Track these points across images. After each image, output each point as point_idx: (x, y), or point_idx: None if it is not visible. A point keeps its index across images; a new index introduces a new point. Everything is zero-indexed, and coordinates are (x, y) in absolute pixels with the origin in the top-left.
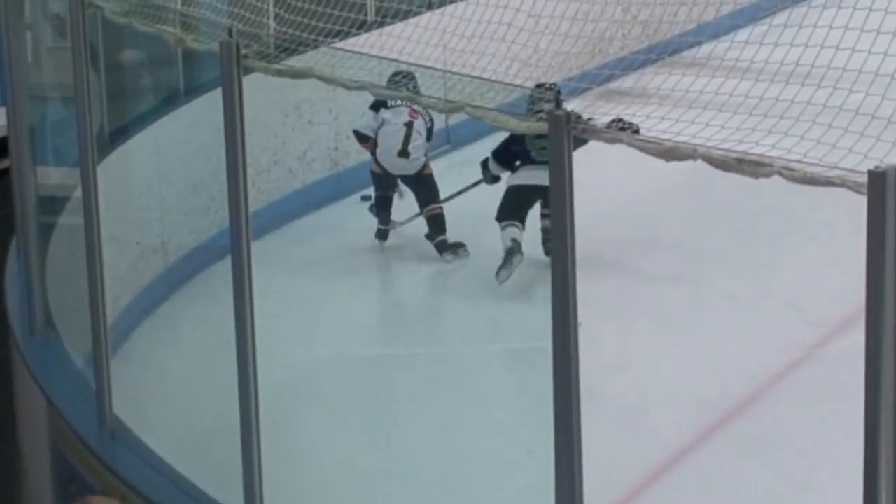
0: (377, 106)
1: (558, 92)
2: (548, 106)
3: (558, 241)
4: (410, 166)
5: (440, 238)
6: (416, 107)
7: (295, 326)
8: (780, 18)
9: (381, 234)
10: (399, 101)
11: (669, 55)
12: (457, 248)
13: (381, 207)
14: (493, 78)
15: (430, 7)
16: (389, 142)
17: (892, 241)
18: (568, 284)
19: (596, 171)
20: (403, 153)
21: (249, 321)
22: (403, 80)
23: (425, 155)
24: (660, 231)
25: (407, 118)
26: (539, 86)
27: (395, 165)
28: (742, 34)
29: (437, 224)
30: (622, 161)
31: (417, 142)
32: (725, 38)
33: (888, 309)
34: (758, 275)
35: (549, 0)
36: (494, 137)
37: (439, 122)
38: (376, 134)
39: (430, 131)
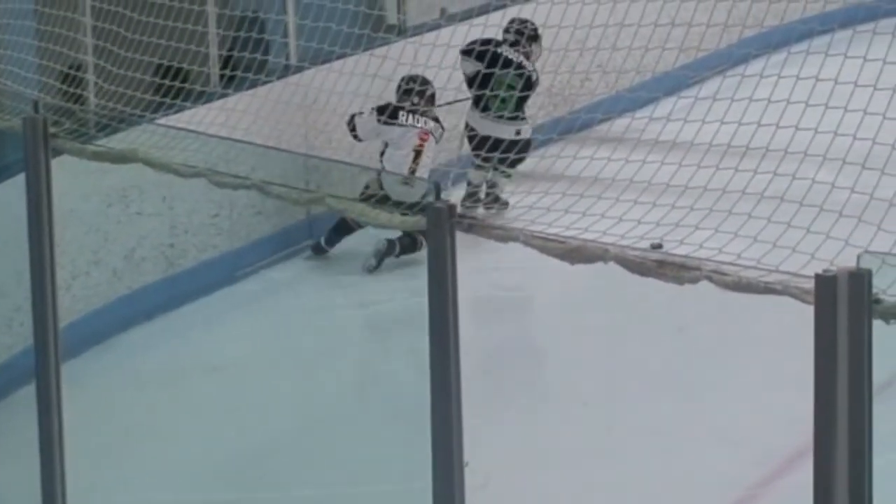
0: (387, 112)
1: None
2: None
3: (439, 355)
4: (413, 193)
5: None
6: (427, 125)
7: (113, 468)
8: (708, 89)
9: (319, 250)
10: (411, 119)
11: (578, 130)
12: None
13: (340, 232)
14: (364, 158)
15: (285, 72)
16: (394, 166)
17: (844, 359)
18: (451, 412)
19: (488, 271)
20: (407, 181)
21: (58, 464)
22: (419, 86)
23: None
24: (568, 345)
25: (416, 142)
26: None
27: (396, 191)
28: (664, 107)
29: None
30: (520, 259)
31: (425, 167)
32: (643, 112)
33: (840, 440)
34: (688, 399)
35: (441, 70)
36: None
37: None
38: (384, 146)
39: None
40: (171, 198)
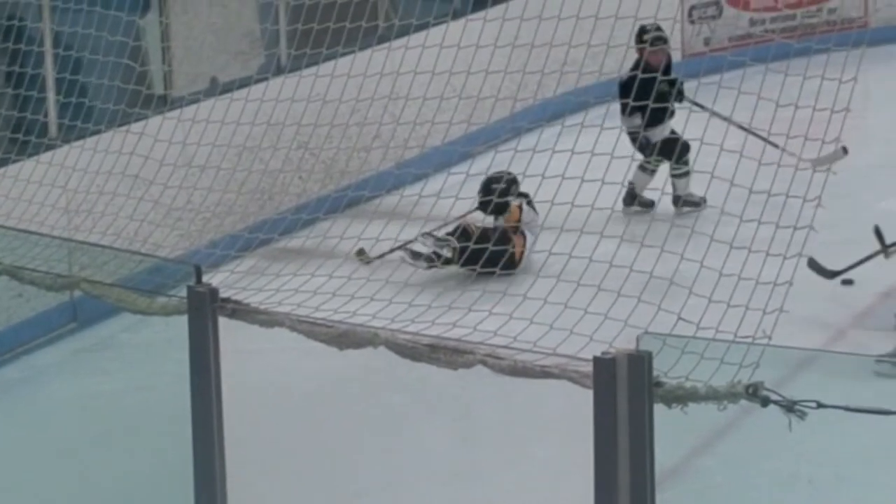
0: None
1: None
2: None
3: (202, 445)
4: None
5: None
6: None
7: None
8: (480, 165)
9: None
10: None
11: (346, 207)
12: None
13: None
14: (128, 239)
15: (47, 148)
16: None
17: (625, 443)
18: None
19: (254, 354)
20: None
21: None
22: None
23: None
24: (348, 430)
25: None
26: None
27: None
28: (434, 183)
29: None
30: (293, 338)
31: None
32: (413, 188)
33: None
34: (473, 483)
35: (205, 147)
36: None
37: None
38: None
39: None
40: None
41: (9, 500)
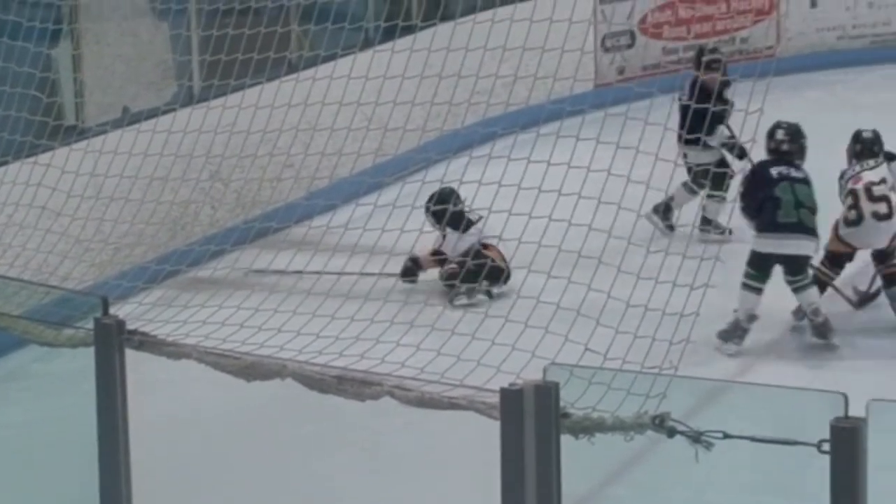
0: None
1: None
2: None
3: (108, 479)
4: None
5: None
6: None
7: None
8: (388, 195)
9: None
10: None
11: (254, 239)
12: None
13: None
14: (36, 270)
15: None
16: None
17: (532, 475)
18: None
19: (164, 385)
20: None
21: None
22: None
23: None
24: (257, 461)
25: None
26: None
27: None
28: (342, 213)
29: None
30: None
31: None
32: (322, 219)
33: None
34: None
35: (113, 178)
36: None
37: None
38: None
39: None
40: None
41: None
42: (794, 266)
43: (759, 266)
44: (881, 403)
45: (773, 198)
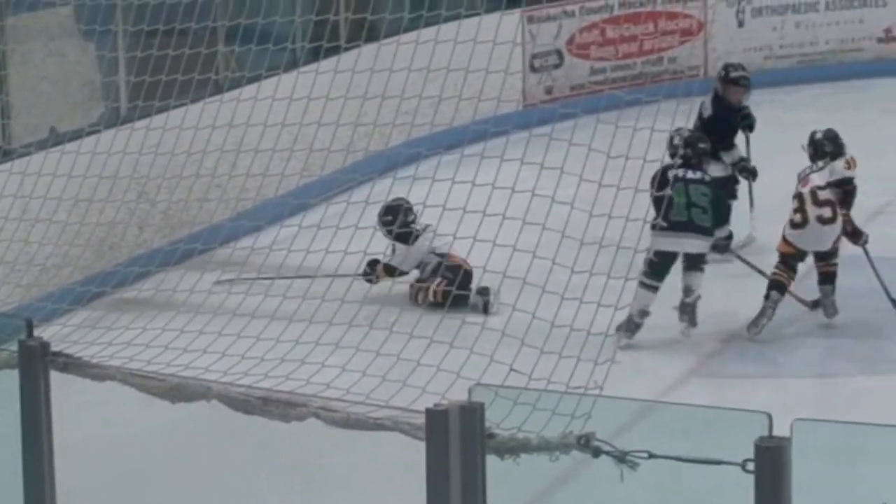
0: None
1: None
2: None
3: (34, 493)
4: None
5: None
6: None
7: None
8: (312, 217)
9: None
10: None
11: (178, 262)
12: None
13: None
14: None
15: None
16: None
17: (458, 496)
18: None
19: (94, 403)
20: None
21: None
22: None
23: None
24: (184, 484)
25: None
26: None
27: None
28: (267, 236)
29: None
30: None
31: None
32: (246, 242)
33: None
34: None
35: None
36: None
37: None
38: None
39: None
40: None
41: None
42: (688, 262)
43: (654, 264)
44: (805, 423)
45: (668, 198)
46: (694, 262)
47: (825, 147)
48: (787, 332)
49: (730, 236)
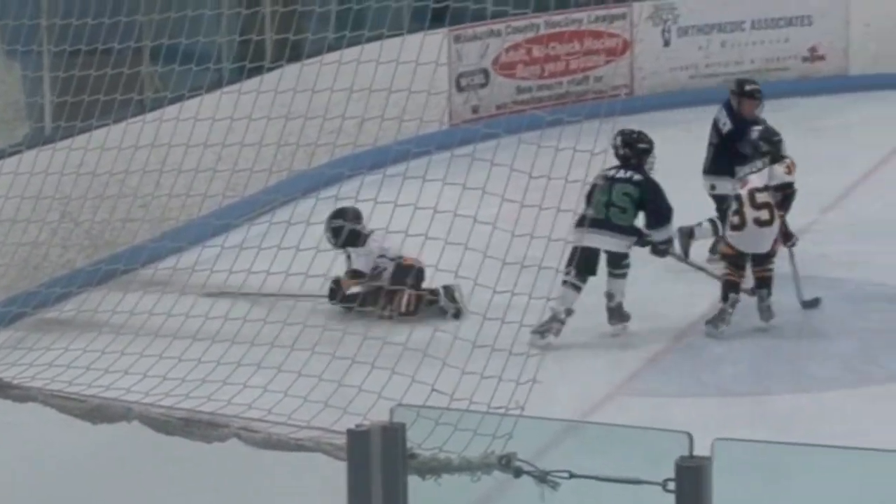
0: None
1: None
2: None
3: None
4: None
5: None
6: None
7: None
8: (235, 238)
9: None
10: None
11: (99, 283)
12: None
13: None
14: None
15: None
16: None
17: None
18: None
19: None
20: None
21: None
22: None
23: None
24: None
25: None
26: None
27: None
28: (189, 256)
29: None
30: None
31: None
32: (168, 262)
33: None
34: None
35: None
36: None
37: None
38: None
39: None
40: None
41: None
42: (610, 263)
43: (577, 262)
44: (726, 442)
45: (592, 197)
46: (615, 264)
47: (761, 147)
48: (714, 351)
49: (669, 240)
